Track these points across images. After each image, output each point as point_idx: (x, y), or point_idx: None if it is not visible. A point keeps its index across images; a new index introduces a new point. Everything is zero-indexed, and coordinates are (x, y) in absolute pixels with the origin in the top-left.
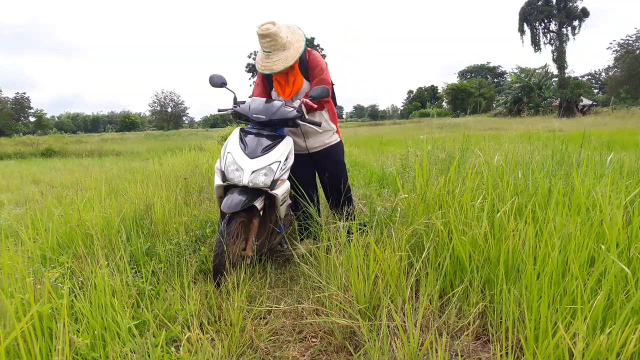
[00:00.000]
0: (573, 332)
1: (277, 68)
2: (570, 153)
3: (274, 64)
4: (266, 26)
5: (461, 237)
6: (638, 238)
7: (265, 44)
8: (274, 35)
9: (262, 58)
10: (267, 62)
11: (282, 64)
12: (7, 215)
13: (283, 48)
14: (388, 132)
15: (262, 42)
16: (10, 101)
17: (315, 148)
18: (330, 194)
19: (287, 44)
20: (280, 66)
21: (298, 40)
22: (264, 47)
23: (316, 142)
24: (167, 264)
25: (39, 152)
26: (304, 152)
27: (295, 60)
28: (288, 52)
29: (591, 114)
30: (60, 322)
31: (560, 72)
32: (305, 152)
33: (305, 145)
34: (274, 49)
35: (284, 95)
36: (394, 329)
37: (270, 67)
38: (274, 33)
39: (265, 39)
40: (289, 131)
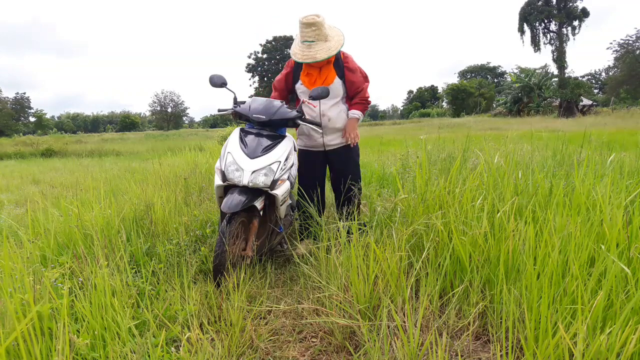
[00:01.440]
0: (573, 332)
1: (320, 57)
2: (571, 153)
3: (317, 53)
4: (312, 16)
5: (461, 237)
6: (638, 238)
7: (309, 32)
8: (320, 25)
9: (303, 48)
10: (309, 51)
11: (325, 53)
12: (7, 215)
13: (325, 39)
14: (388, 132)
15: (305, 31)
16: (10, 101)
17: (331, 145)
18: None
19: (329, 37)
20: (324, 55)
21: (337, 34)
22: (308, 37)
23: (335, 139)
24: (167, 264)
25: (39, 152)
26: (319, 149)
27: (337, 50)
28: (330, 43)
29: (591, 114)
30: (60, 322)
31: (560, 72)
32: (321, 149)
33: (323, 142)
34: (317, 39)
35: (313, 86)
36: (394, 329)
37: (314, 55)
38: (319, 23)
39: (310, 28)
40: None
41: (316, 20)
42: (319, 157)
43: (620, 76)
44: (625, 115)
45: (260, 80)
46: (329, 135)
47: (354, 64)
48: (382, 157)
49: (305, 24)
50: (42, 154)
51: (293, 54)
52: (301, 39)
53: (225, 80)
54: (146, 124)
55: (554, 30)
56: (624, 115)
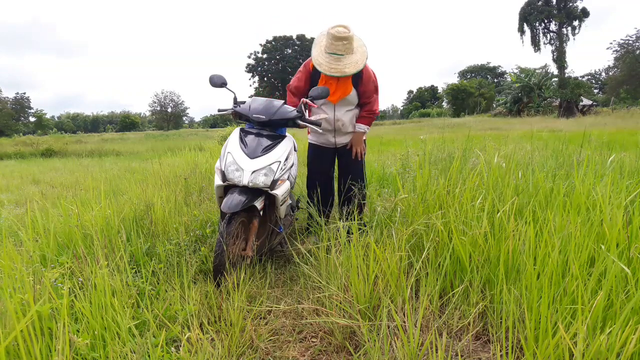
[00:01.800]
0: (573, 332)
1: (349, 71)
2: (571, 153)
3: (346, 67)
4: (342, 29)
5: (461, 237)
6: (638, 238)
7: (340, 46)
8: (351, 39)
9: (330, 60)
10: (337, 64)
11: (354, 68)
12: (7, 215)
13: (352, 52)
14: (388, 132)
15: (336, 44)
16: (10, 101)
17: (342, 144)
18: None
19: (355, 49)
20: (353, 69)
21: (361, 45)
22: (338, 50)
23: (346, 139)
24: (167, 264)
25: (39, 152)
26: (330, 146)
27: (364, 64)
28: (356, 56)
29: (591, 114)
30: (60, 322)
31: (560, 72)
32: (332, 146)
33: (334, 141)
34: (346, 52)
35: (332, 97)
36: (394, 329)
37: (342, 69)
38: (351, 37)
39: (340, 42)
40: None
41: (348, 35)
42: (329, 153)
43: (620, 76)
44: (625, 115)
45: (260, 80)
46: (341, 136)
47: (368, 73)
48: (382, 157)
49: (336, 37)
50: (42, 154)
51: (317, 64)
52: (328, 49)
53: (225, 80)
54: (146, 124)
55: (554, 30)
56: (624, 115)
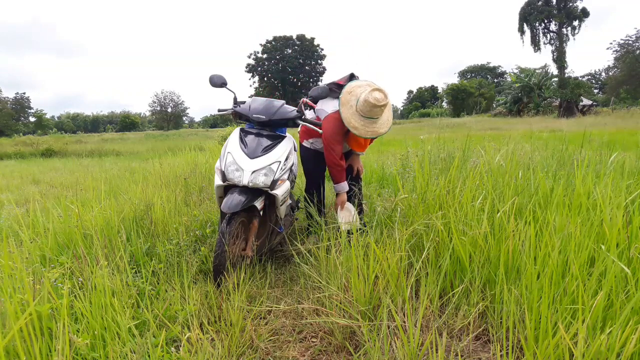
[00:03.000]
0: (573, 332)
1: (383, 131)
2: (571, 153)
3: (381, 127)
4: (381, 97)
5: (461, 237)
6: (638, 238)
7: (377, 112)
8: (387, 106)
9: (366, 124)
10: (373, 127)
11: (386, 127)
12: (7, 215)
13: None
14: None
15: (375, 110)
16: (10, 101)
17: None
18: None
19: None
20: (386, 129)
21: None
22: (374, 115)
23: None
24: (167, 264)
25: (39, 152)
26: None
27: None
28: (386, 114)
29: (591, 114)
30: (60, 322)
31: (560, 72)
32: None
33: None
34: (380, 116)
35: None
36: (394, 329)
37: (377, 131)
38: (388, 104)
39: (378, 108)
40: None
41: (386, 102)
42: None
43: (620, 76)
44: (625, 115)
45: (260, 80)
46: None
47: None
48: (382, 157)
49: (375, 105)
50: (42, 154)
51: (353, 128)
52: (364, 114)
53: (225, 80)
54: (146, 124)
55: (554, 30)
56: (624, 115)
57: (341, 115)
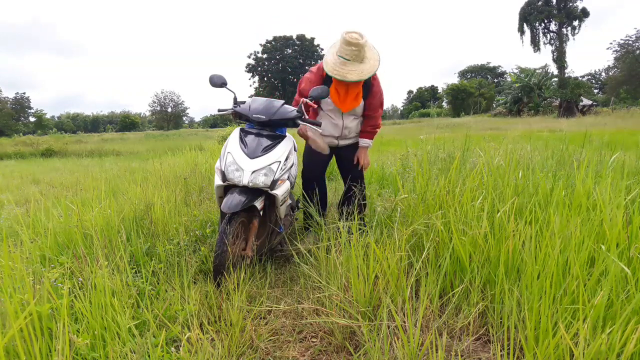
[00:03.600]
0: (573, 332)
1: (351, 77)
2: (571, 153)
3: (349, 73)
4: (356, 35)
5: (461, 237)
6: (638, 238)
7: (349, 51)
8: (361, 47)
9: (338, 64)
10: (342, 68)
11: (356, 75)
12: (7, 215)
13: (361, 61)
14: (388, 132)
15: (346, 48)
16: (10, 101)
17: (342, 145)
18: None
19: (365, 59)
20: (355, 77)
21: (375, 58)
22: (346, 54)
23: (347, 141)
24: (167, 264)
25: (39, 152)
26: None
27: (370, 75)
28: (365, 66)
29: (591, 114)
30: (60, 322)
31: (560, 72)
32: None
33: (337, 143)
34: (354, 59)
35: (343, 105)
36: (394, 329)
37: (345, 75)
38: (362, 45)
39: (350, 47)
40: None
41: (359, 42)
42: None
43: (620, 76)
44: (625, 115)
45: (260, 80)
46: (343, 140)
47: (378, 87)
48: (382, 157)
49: (347, 42)
50: (42, 154)
51: (325, 62)
52: (338, 52)
53: (225, 80)
54: (146, 124)
55: (554, 30)
56: (624, 115)
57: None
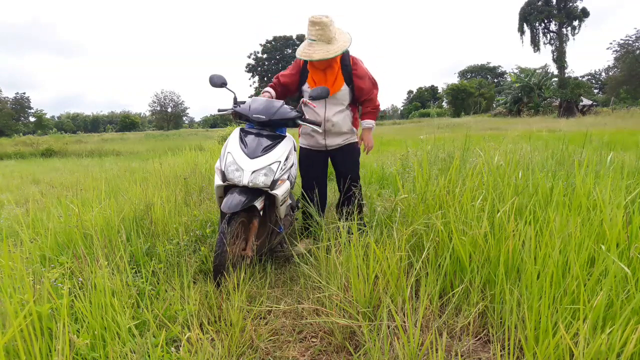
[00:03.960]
0: (573, 332)
1: (315, 57)
2: (571, 153)
3: (314, 52)
4: (320, 15)
5: (461, 237)
6: (638, 238)
7: (313, 31)
8: (324, 25)
9: (305, 45)
10: (308, 49)
11: (321, 54)
12: (7, 215)
13: (328, 41)
14: (388, 132)
15: (310, 29)
16: (10, 101)
17: (333, 146)
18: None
19: (333, 40)
20: (319, 56)
21: (344, 40)
22: (311, 34)
23: (336, 139)
24: (167, 264)
25: (39, 152)
26: (321, 149)
27: (336, 55)
28: (331, 46)
29: (591, 114)
30: (60, 322)
31: (560, 72)
32: (323, 149)
33: (325, 143)
34: (319, 39)
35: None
36: (394, 329)
37: (310, 54)
38: (325, 23)
39: (315, 27)
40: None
41: (322, 20)
42: (320, 156)
43: (620, 76)
44: (625, 115)
45: (260, 80)
46: (331, 137)
47: (362, 70)
48: (382, 157)
49: (311, 22)
50: (42, 154)
51: (297, 52)
52: (307, 34)
53: (225, 80)
54: (146, 124)
55: (554, 30)
56: (624, 115)
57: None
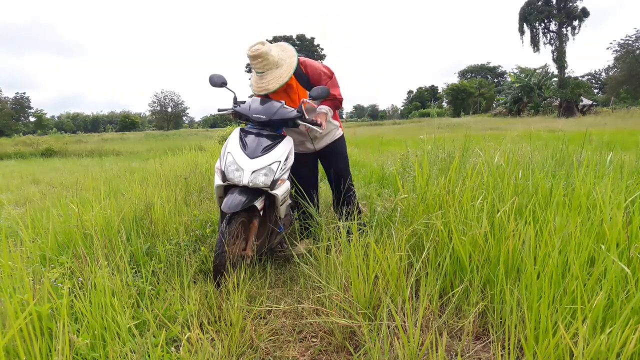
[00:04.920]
0: (573, 332)
1: (272, 87)
2: (571, 153)
3: (269, 84)
4: (256, 47)
5: (461, 237)
6: (638, 238)
7: (257, 64)
8: (265, 55)
9: (257, 79)
10: (261, 82)
11: (277, 82)
12: (7, 215)
13: (276, 66)
14: (388, 132)
15: (253, 63)
16: (10, 101)
17: (321, 146)
18: (334, 189)
19: (279, 62)
20: (276, 84)
21: (290, 56)
22: (257, 68)
23: (324, 141)
24: (167, 264)
25: (39, 152)
26: (310, 151)
27: (290, 76)
28: (281, 69)
29: (591, 114)
30: (60, 322)
31: (560, 72)
32: (312, 151)
33: (314, 147)
34: (266, 69)
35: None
36: (394, 328)
37: (266, 87)
38: (265, 52)
39: (256, 60)
40: (295, 132)
41: (260, 51)
42: (310, 158)
43: (620, 76)
44: (625, 115)
45: None
46: (318, 140)
47: (313, 68)
48: (382, 157)
49: (251, 57)
50: (42, 154)
51: (251, 85)
52: (253, 68)
53: (225, 80)
54: (146, 124)
55: (553, 30)
56: (624, 115)
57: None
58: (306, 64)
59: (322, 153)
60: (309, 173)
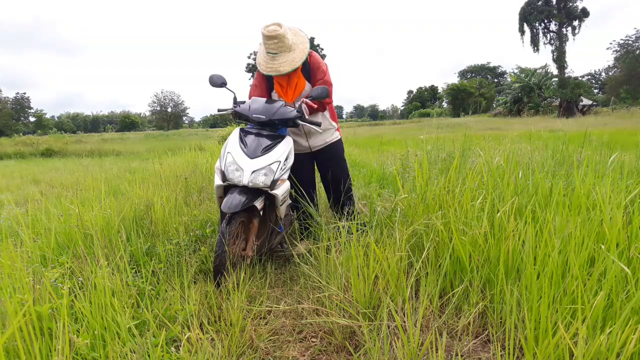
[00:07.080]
0: (573, 332)
1: (284, 70)
2: (571, 153)
3: (281, 66)
4: (272, 27)
5: (461, 237)
6: (638, 238)
7: (271, 45)
8: (282, 37)
9: (267, 60)
10: (272, 63)
11: (289, 66)
12: (7, 215)
13: (289, 50)
14: (388, 132)
15: (268, 43)
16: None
17: (317, 146)
18: (332, 192)
19: (293, 46)
20: (288, 68)
21: (302, 42)
22: (270, 49)
23: (318, 140)
24: (167, 264)
25: (39, 152)
26: (306, 151)
27: (302, 62)
28: (294, 53)
29: (591, 114)
30: (60, 322)
31: (560, 72)
32: (308, 151)
33: (308, 145)
34: (280, 51)
35: (287, 97)
36: (394, 328)
37: (277, 68)
38: (282, 35)
39: (271, 41)
40: (290, 131)
41: (277, 32)
42: (307, 159)
43: (620, 76)
44: (625, 115)
45: None
46: (313, 138)
47: (316, 59)
48: (382, 157)
49: (266, 37)
50: (42, 154)
51: (258, 64)
52: (265, 50)
53: (225, 80)
54: (146, 124)
55: (554, 30)
56: (624, 115)
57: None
58: (311, 53)
59: (319, 156)
60: (307, 173)
